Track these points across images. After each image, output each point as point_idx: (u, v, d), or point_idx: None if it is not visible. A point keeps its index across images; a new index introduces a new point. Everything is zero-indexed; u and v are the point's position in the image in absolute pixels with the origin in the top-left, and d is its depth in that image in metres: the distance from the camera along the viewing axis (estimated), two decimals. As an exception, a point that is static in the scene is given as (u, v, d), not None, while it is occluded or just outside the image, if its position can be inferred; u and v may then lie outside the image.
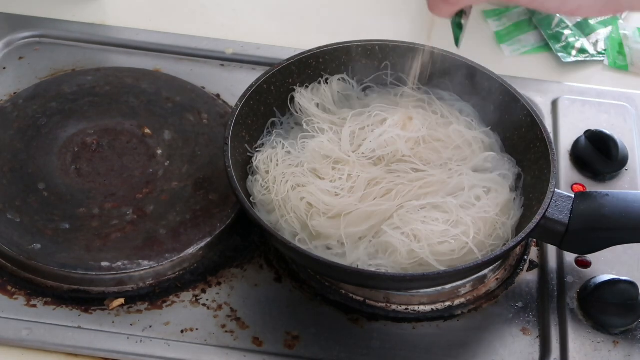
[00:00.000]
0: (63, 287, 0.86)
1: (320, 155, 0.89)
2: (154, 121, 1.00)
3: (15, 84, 1.06)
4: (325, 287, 0.86)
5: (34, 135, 0.97)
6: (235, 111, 0.90)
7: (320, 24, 1.18)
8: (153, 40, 1.12)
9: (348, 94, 0.97)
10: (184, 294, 0.86)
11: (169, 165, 0.95)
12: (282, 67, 0.95)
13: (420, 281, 0.82)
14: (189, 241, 0.88)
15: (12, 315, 0.83)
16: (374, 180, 0.87)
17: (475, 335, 0.84)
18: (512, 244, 0.80)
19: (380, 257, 0.82)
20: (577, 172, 0.98)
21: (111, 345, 0.81)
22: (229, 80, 1.08)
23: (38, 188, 0.92)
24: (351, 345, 0.83)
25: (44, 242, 0.87)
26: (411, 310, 0.85)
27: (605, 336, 0.84)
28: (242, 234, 0.91)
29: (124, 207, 0.91)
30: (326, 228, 0.83)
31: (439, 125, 0.91)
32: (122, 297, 0.85)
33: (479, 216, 0.83)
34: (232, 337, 0.83)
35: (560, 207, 0.84)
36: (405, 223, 0.82)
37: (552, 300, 0.87)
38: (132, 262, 0.86)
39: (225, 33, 1.14)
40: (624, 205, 0.84)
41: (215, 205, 0.91)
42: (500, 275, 0.89)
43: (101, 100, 1.02)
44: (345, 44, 0.97)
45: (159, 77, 1.06)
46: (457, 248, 0.81)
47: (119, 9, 1.18)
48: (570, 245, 0.85)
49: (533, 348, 0.84)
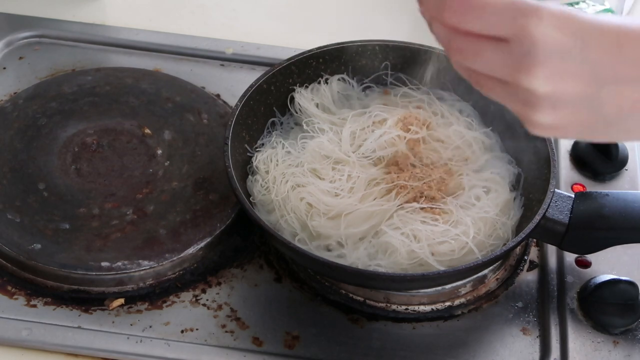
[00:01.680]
0: (63, 287, 0.86)
1: (320, 156, 0.89)
2: (154, 121, 1.00)
3: (15, 84, 1.06)
4: (325, 287, 0.86)
5: (34, 135, 0.97)
6: (235, 111, 0.90)
7: (320, 24, 1.18)
8: (153, 40, 1.12)
9: (348, 94, 0.97)
10: (184, 294, 0.86)
11: (169, 165, 0.95)
12: (282, 67, 0.95)
13: (420, 281, 0.82)
14: (189, 241, 0.88)
15: (12, 315, 0.83)
16: (374, 181, 0.87)
17: (475, 335, 0.84)
18: (512, 244, 0.80)
19: (380, 258, 0.82)
20: (577, 172, 0.98)
21: (111, 345, 0.81)
22: (229, 80, 1.08)
23: (38, 188, 0.92)
24: (351, 345, 0.83)
25: (44, 242, 0.87)
26: (411, 310, 0.85)
27: (605, 336, 0.84)
28: (242, 234, 0.91)
29: (124, 207, 0.91)
30: (326, 228, 0.83)
31: (439, 125, 0.92)
32: (122, 297, 0.85)
33: (479, 216, 0.83)
34: (232, 337, 0.83)
35: (560, 207, 0.84)
36: (405, 223, 0.82)
37: (552, 300, 0.87)
38: (132, 262, 0.86)
39: (225, 33, 1.14)
40: (624, 205, 0.84)
41: (215, 205, 0.91)
42: (500, 275, 0.89)
43: (101, 100, 1.02)
44: (345, 44, 0.97)
45: (159, 77, 1.06)
46: (457, 248, 0.81)
47: (119, 9, 1.18)
48: (570, 245, 0.85)
49: (533, 348, 0.84)
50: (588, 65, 0.56)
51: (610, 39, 0.56)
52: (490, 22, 0.57)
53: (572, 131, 0.60)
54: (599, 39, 0.56)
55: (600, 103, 0.57)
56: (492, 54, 0.58)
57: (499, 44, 0.57)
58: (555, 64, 0.56)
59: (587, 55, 0.56)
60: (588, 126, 0.59)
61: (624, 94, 0.57)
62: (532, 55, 0.56)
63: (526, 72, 0.56)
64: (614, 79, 0.57)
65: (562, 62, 0.56)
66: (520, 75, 0.57)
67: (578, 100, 0.57)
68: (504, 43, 0.57)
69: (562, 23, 0.56)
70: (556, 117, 0.58)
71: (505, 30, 0.57)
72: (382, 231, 0.83)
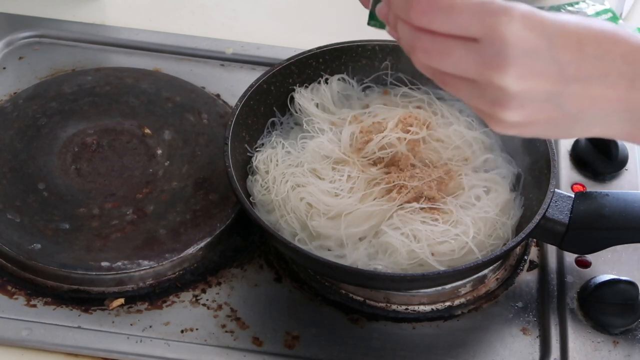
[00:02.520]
0: (63, 287, 0.86)
1: (320, 156, 0.89)
2: (154, 121, 1.00)
3: (15, 84, 1.06)
4: (325, 287, 0.86)
5: (34, 135, 0.97)
6: (235, 111, 0.90)
7: (320, 24, 1.18)
8: (153, 40, 1.12)
9: (348, 94, 0.97)
10: (184, 294, 0.86)
11: (169, 165, 0.95)
12: (282, 67, 0.95)
13: (420, 281, 0.82)
14: (189, 241, 0.88)
15: (12, 315, 0.83)
16: (374, 181, 0.87)
17: (475, 335, 0.84)
18: (512, 244, 0.80)
19: (380, 258, 0.82)
20: (577, 172, 0.98)
21: (111, 345, 0.81)
22: (229, 80, 1.08)
23: (38, 188, 0.92)
24: (351, 345, 0.83)
25: (44, 242, 0.87)
26: (411, 310, 0.85)
27: (605, 336, 0.84)
28: (242, 234, 0.91)
29: (124, 207, 0.91)
30: (326, 228, 0.83)
31: (439, 125, 0.92)
32: (122, 297, 0.85)
33: (479, 216, 0.83)
34: (232, 337, 0.83)
35: (560, 207, 0.84)
36: (405, 223, 0.82)
37: (552, 300, 0.87)
38: (132, 262, 0.86)
39: (225, 33, 1.14)
40: (624, 205, 0.84)
41: (215, 205, 0.91)
42: (500, 275, 0.89)
43: (101, 100, 1.02)
44: (345, 44, 0.97)
45: (159, 77, 1.06)
46: (457, 248, 0.81)
47: (119, 9, 1.18)
48: (570, 245, 0.85)
49: (533, 348, 0.84)
50: (555, 64, 0.57)
51: (573, 38, 0.57)
52: (459, 22, 0.57)
53: (536, 129, 0.61)
54: (564, 39, 0.57)
55: (565, 100, 0.59)
56: (461, 54, 0.58)
57: (467, 44, 0.58)
58: (526, 63, 0.57)
59: (554, 55, 0.57)
60: (551, 123, 0.60)
61: (585, 91, 0.58)
62: (504, 54, 0.56)
63: (498, 71, 0.57)
64: (577, 77, 0.58)
65: (532, 62, 0.57)
66: (491, 74, 0.57)
67: (545, 98, 0.58)
68: (473, 42, 0.58)
69: (531, 23, 0.57)
70: (523, 115, 0.59)
71: (475, 30, 0.57)
72: (382, 231, 0.83)
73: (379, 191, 0.86)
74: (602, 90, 0.59)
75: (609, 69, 0.58)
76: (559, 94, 0.58)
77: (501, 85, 0.57)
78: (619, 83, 0.58)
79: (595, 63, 0.58)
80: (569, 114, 0.60)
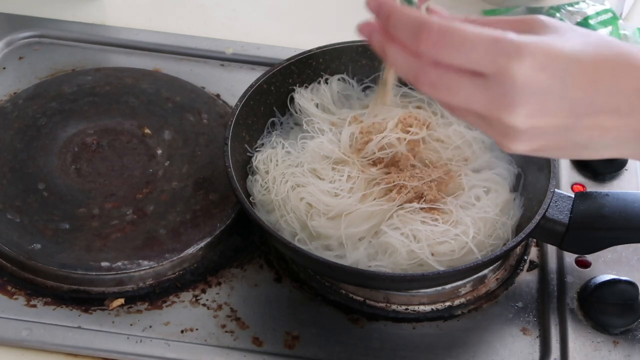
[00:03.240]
0: (63, 287, 0.86)
1: (320, 156, 0.89)
2: (154, 121, 1.00)
3: (15, 84, 1.06)
4: (325, 287, 0.86)
5: (34, 135, 0.97)
6: (235, 111, 0.90)
7: (320, 24, 1.18)
8: (153, 40, 1.12)
9: (348, 94, 0.97)
10: (184, 294, 0.86)
11: (169, 165, 0.95)
12: (282, 67, 0.95)
13: (420, 281, 0.82)
14: (189, 241, 0.88)
15: (12, 315, 0.83)
16: (374, 181, 0.87)
17: (475, 335, 0.84)
18: (512, 244, 0.80)
19: (380, 258, 0.82)
20: (577, 172, 0.98)
21: (111, 345, 0.81)
22: (229, 80, 1.08)
23: (38, 188, 0.92)
24: (351, 345, 0.83)
25: (44, 242, 0.87)
26: (411, 310, 0.85)
27: (605, 336, 0.84)
28: (242, 234, 0.91)
29: (124, 207, 0.91)
30: (326, 228, 0.83)
31: (439, 125, 0.91)
32: (122, 297, 0.85)
33: (479, 216, 0.83)
34: (232, 337, 0.83)
35: (560, 207, 0.84)
36: (405, 223, 0.82)
37: (552, 300, 0.87)
38: (132, 262, 0.86)
39: (225, 33, 1.14)
40: (624, 205, 0.84)
41: (215, 205, 0.91)
42: (500, 275, 0.89)
43: (101, 100, 1.02)
44: (345, 44, 0.97)
45: (159, 77, 1.06)
46: (457, 248, 0.81)
47: (119, 9, 1.18)
48: (570, 245, 0.85)
49: (533, 348, 0.84)
50: (567, 102, 0.57)
51: (587, 75, 0.57)
52: (469, 58, 0.56)
53: (545, 154, 0.61)
54: (578, 77, 0.56)
55: (575, 133, 0.58)
56: (469, 91, 0.57)
57: (475, 79, 0.57)
58: (536, 102, 0.56)
59: (566, 94, 0.57)
60: (560, 149, 0.60)
61: (596, 123, 0.58)
62: (513, 95, 0.56)
63: (506, 110, 0.57)
64: (589, 112, 0.57)
65: (542, 101, 0.56)
66: (500, 112, 0.57)
67: (555, 132, 0.58)
68: (481, 77, 0.57)
69: (544, 62, 0.56)
70: (532, 146, 0.59)
71: (485, 67, 0.56)
72: (382, 231, 0.83)
73: (379, 191, 0.86)
74: (613, 121, 0.58)
75: (621, 104, 0.57)
76: (569, 128, 0.58)
77: (510, 123, 0.57)
78: (631, 115, 0.58)
79: (608, 99, 0.57)
80: (579, 143, 0.59)
